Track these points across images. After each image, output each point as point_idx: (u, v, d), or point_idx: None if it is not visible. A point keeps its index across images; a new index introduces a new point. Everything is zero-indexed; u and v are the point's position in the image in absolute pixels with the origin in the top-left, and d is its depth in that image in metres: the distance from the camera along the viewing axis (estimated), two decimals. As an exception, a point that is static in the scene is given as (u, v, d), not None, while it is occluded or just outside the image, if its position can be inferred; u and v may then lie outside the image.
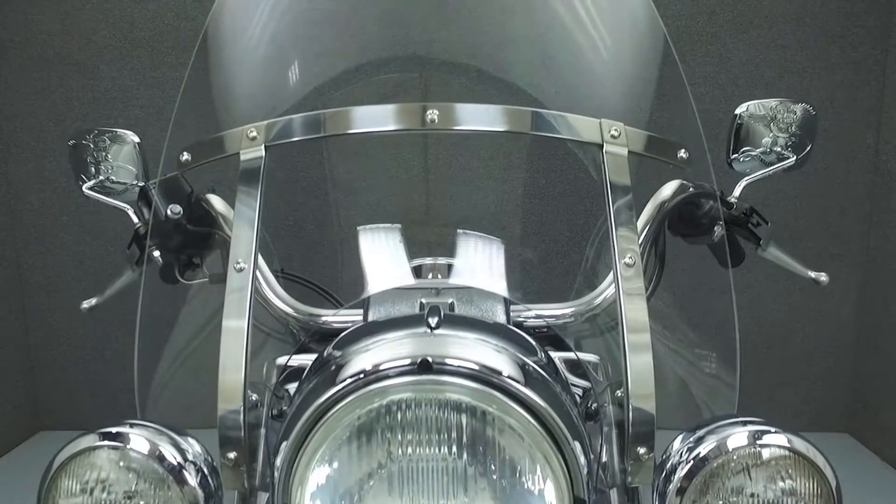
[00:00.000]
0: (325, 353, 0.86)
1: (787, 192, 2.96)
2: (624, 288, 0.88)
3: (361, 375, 0.72)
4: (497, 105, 0.97)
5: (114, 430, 0.75)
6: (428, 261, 1.02)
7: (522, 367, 0.74)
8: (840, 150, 3.00)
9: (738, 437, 0.73)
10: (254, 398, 0.90)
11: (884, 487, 3.04)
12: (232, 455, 0.83)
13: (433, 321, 0.75)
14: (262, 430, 0.90)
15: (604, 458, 0.92)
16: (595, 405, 0.95)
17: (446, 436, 0.70)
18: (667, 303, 1.13)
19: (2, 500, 2.91)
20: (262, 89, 1.13)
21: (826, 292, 3.11)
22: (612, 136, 0.95)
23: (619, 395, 0.86)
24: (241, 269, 0.89)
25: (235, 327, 0.87)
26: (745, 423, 0.74)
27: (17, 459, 3.28)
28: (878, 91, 2.97)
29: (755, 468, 0.71)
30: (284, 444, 0.74)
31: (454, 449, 0.71)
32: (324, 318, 1.10)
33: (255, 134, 0.96)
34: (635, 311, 0.86)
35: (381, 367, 0.72)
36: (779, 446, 0.71)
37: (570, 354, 0.98)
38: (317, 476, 0.72)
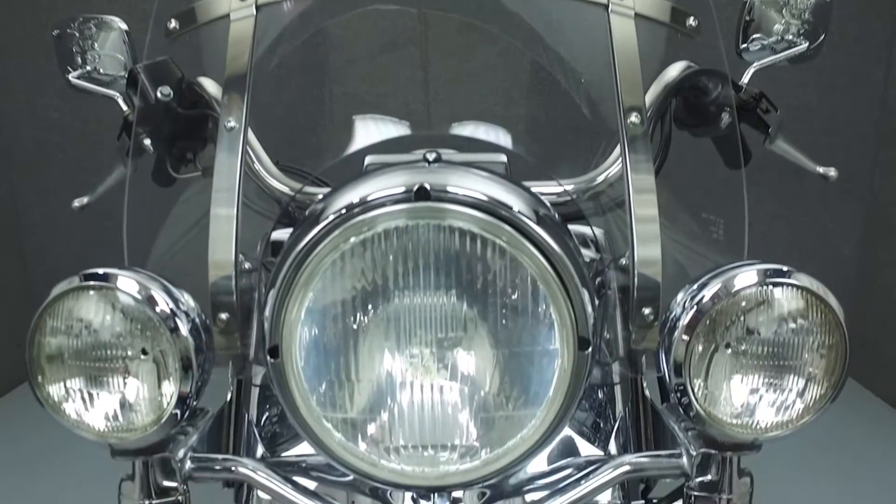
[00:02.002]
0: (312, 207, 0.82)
1: (792, 127, 2.89)
2: (629, 149, 0.85)
3: (345, 210, 0.67)
4: None
5: (101, 270, 0.71)
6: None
7: (534, 209, 0.69)
8: (848, 85, 2.94)
9: (745, 277, 0.69)
10: (246, 266, 0.87)
11: (881, 426, 3.05)
12: (224, 316, 0.80)
13: (431, 156, 0.70)
14: (255, 303, 0.88)
15: (607, 336, 0.90)
16: (599, 279, 0.92)
17: (445, 270, 0.66)
18: (671, 188, 1.10)
19: (5, 436, 2.93)
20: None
21: (828, 230, 3.07)
22: None
23: (625, 262, 0.83)
24: (231, 129, 0.86)
25: (226, 187, 0.84)
26: (751, 265, 0.70)
27: (22, 398, 3.29)
28: (891, 23, 2.89)
29: (765, 309, 0.68)
30: (272, 292, 0.70)
31: (453, 286, 0.67)
32: (319, 194, 1.06)
33: None
34: (641, 176, 0.83)
35: (371, 199, 0.67)
36: (790, 285, 0.67)
37: (576, 227, 0.94)
38: (306, 322, 0.68)
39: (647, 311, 0.79)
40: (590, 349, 0.68)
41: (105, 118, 2.69)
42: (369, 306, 0.67)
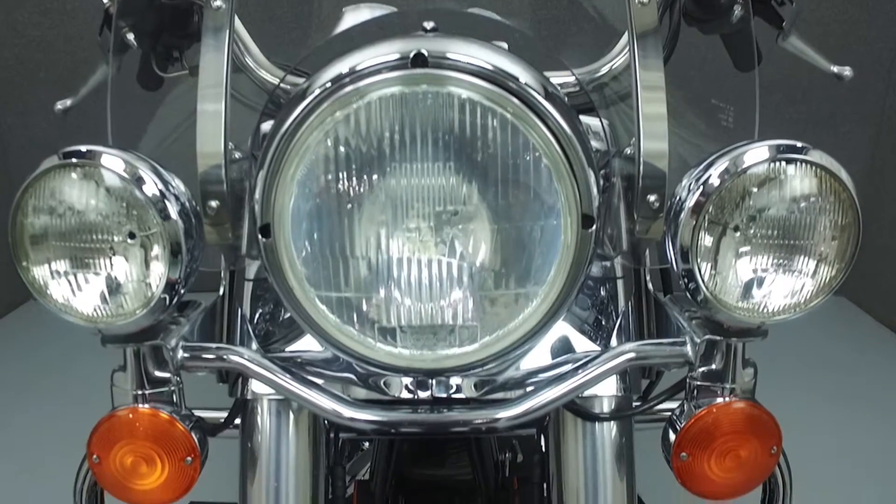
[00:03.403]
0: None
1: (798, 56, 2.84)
2: (638, 46, 0.80)
3: (334, 82, 0.62)
4: None
5: (84, 148, 0.67)
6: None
7: (542, 84, 0.65)
8: (864, 3, 2.85)
9: (755, 153, 0.65)
10: (237, 156, 0.84)
11: (880, 349, 3.08)
12: (214, 204, 0.77)
13: (429, 25, 0.66)
14: (247, 194, 0.84)
15: (609, 231, 0.87)
16: (604, 171, 0.89)
17: (444, 142, 0.62)
18: (677, 80, 1.06)
19: (2, 358, 2.96)
20: None
21: (835, 152, 3.03)
22: None
23: (630, 151, 0.80)
24: (218, 8, 0.81)
25: (214, 76, 0.79)
26: (762, 142, 0.66)
27: (16, 321, 3.30)
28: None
29: (776, 187, 0.65)
30: (260, 173, 0.67)
31: (452, 158, 0.63)
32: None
33: None
34: (650, 73, 0.78)
35: (362, 68, 0.62)
36: (805, 161, 0.64)
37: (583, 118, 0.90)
38: (298, 199, 0.65)
39: (652, 198, 0.76)
40: (594, 227, 0.65)
41: (87, 34, 2.61)
42: (363, 180, 0.64)
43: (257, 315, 0.91)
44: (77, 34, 2.94)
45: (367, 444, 1.37)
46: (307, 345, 0.87)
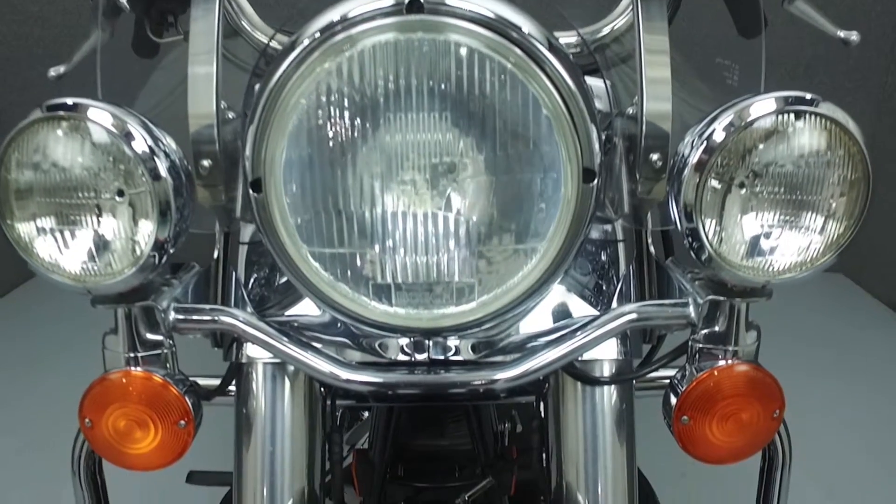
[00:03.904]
0: None
1: (804, 20, 2.80)
2: (642, 7, 0.78)
3: (323, 31, 0.60)
4: None
5: (70, 101, 0.65)
6: None
7: (545, 36, 0.63)
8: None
9: (762, 105, 0.63)
10: (230, 116, 0.82)
11: (877, 324, 3.08)
12: (206, 163, 0.75)
13: None
14: (240, 153, 0.83)
15: (611, 195, 0.85)
16: (607, 133, 0.87)
17: (441, 92, 0.60)
18: (681, 40, 1.03)
19: (3, 337, 2.96)
20: None
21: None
22: None
23: (633, 111, 0.78)
24: None
25: (205, 31, 0.77)
26: (769, 94, 0.63)
27: (20, 297, 3.30)
28: None
29: (784, 140, 0.63)
30: (251, 127, 0.65)
31: (449, 108, 0.61)
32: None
33: None
34: (654, 37, 0.76)
35: (353, 15, 0.60)
36: (814, 113, 0.62)
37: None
38: (289, 152, 0.63)
39: (654, 157, 0.74)
40: (595, 182, 0.64)
41: (84, 10, 2.58)
42: (356, 132, 0.62)
43: (252, 280, 0.90)
44: (75, 9, 2.91)
45: (366, 413, 1.36)
46: (303, 310, 0.86)
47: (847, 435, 2.34)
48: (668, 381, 0.78)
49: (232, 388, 0.85)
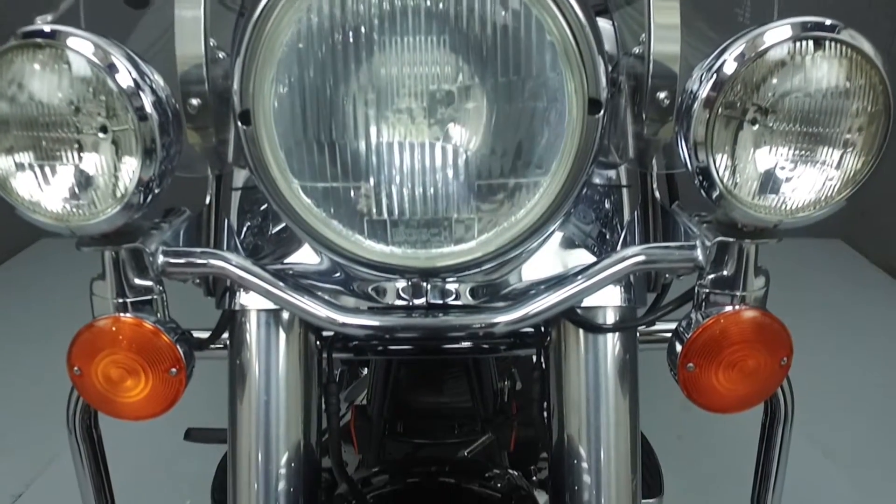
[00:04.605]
0: None
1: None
2: None
3: None
4: None
5: (48, 28, 0.61)
6: None
7: None
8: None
9: (777, 33, 0.59)
10: (220, 56, 0.79)
11: (875, 289, 3.08)
12: (195, 102, 0.72)
13: None
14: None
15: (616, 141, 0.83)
16: (613, 75, 0.84)
17: (438, 14, 0.57)
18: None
19: (6, 303, 2.96)
20: None
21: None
22: None
23: (639, 51, 0.75)
24: None
25: None
26: (784, 22, 0.59)
27: (22, 263, 3.29)
28: None
29: (800, 69, 0.59)
30: (238, 59, 0.61)
31: (446, 31, 0.58)
32: None
33: None
34: None
35: None
36: (834, 40, 0.58)
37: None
38: (278, 81, 0.60)
39: (661, 95, 0.71)
40: (601, 113, 0.61)
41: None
42: (349, 57, 0.59)
43: (245, 228, 0.87)
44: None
45: (364, 370, 1.34)
46: (298, 258, 0.83)
47: (845, 397, 2.36)
48: (670, 333, 0.76)
49: (226, 336, 0.83)
